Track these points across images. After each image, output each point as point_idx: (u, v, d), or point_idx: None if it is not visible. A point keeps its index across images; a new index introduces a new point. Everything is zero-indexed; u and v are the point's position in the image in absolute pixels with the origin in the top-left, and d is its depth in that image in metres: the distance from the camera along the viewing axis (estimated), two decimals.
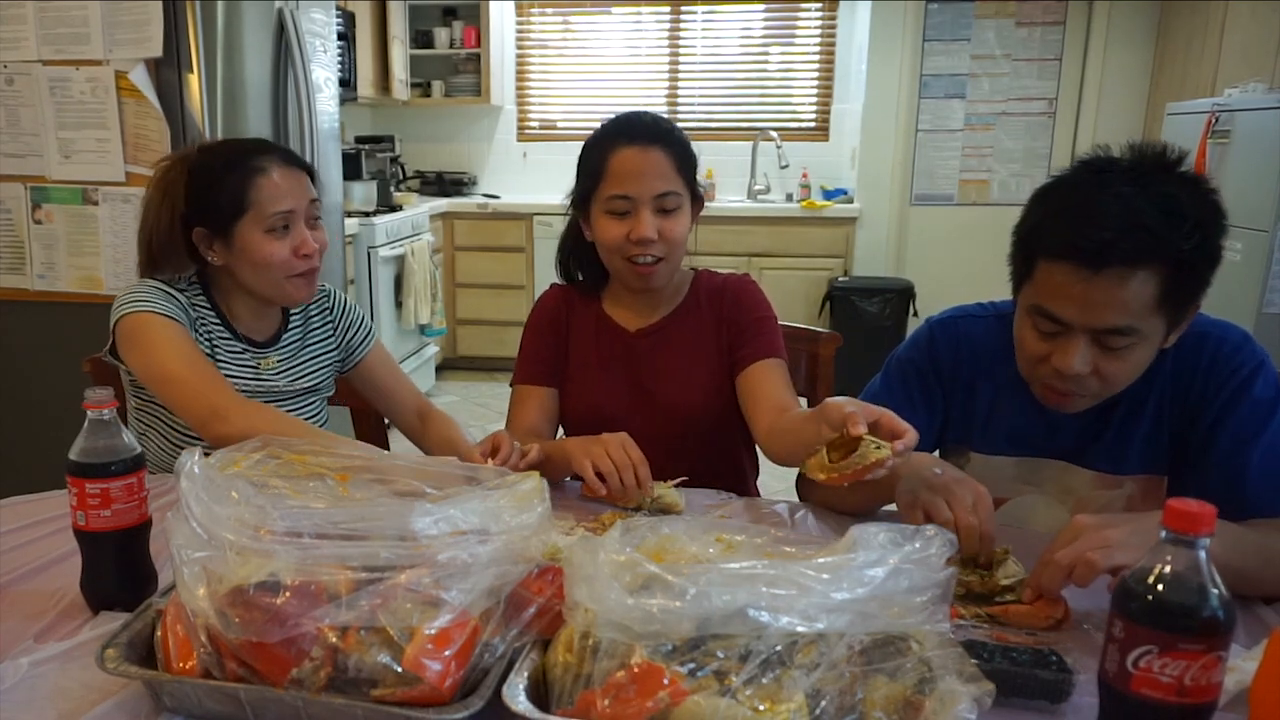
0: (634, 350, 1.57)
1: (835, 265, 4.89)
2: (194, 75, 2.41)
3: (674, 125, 1.52)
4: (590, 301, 1.61)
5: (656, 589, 0.75)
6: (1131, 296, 1.06)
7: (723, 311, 1.56)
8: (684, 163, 1.47)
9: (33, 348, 2.60)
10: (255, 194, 1.43)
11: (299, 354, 1.60)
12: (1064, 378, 1.15)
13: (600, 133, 1.51)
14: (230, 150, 1.49)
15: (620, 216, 1.45)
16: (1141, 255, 1.05)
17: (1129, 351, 1.11)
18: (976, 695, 0.73)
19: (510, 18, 5.45)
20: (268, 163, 1.45)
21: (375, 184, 4.42)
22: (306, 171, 1.51)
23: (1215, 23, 3.94)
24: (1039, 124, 4.87)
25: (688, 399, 1.53)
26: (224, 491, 0.85)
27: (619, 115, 1.52)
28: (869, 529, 0.82)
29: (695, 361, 1.55)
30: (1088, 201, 1.09)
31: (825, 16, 5.25)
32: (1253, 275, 3.15)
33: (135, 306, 1.41)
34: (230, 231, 1.45)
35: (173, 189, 1.47)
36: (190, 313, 1.47)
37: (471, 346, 5.21)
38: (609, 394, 1.56)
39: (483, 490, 0.90)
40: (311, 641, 0.78)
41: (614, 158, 1.45)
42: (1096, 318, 1.09)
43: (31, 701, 0.86)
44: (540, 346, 1.60)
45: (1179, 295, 1.09)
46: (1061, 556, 0.96)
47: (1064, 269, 1.09)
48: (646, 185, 1.43)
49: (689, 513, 1.32)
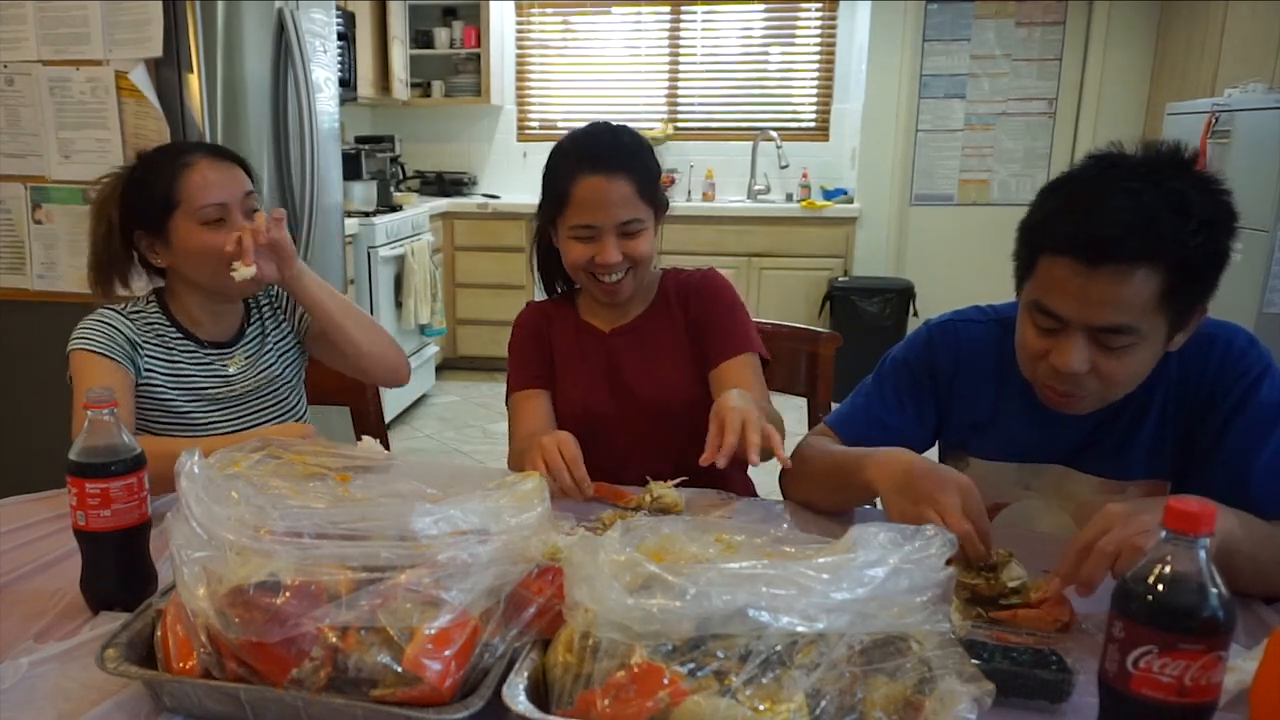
0: (611, 349, 1.60)
1: (835, 265, 4.88)
2: (194, 75, 2.41)
3: (636, 141, 1.52)
4: (567, 310, 1.65)
5: (656, 589, 0.75)
6: (1131, 294, 1.05)
7: (689, 310, 1.60)
8: (645, 184, 1.48)
9: (33, 348, 2.59)
10: (184, 188, 1.46)
11: (263, 347, 1.62)
12: (1062, 377, 1.13)
13: (562, 154, 1.51)
14: (159, 152, 1.53)
15: (585, 241, 1.48)
16: (1143, 252, 1.03)
17: (1129, 352, 1.09)
18: (976, 695, 0.73)
19: (510, 18, 5.45)
20: (194, 158, 1.48)
21: (375, 184, 4.42)
22: (239, 164, 1.53)
23: (1215, 23, 3.94)
24: (1039, 124, 4.87)
25: (666, 395, 1.55)
26: (224, 491, 0.85)
27: (579, 133, 1.52)
28: (869, 529, 0.82)
29: (670, 358, 1.58)
30: (1093, 196, 1.07)
31: (825, 16, 5.25)
32: (1253, 275, 3.15)
33: (75, 343, 1.45)
34: (166, 229, 1.47)
35: (108, 200, 1.52)
36: (138, 336, 1.48)
37: (471, 346, 5.21)
38: (593, 392, 1.59)
39: (483, 490, 0.90)
40: (311, 641, 0.78)
41: (576, 187, 1.45)
42: (1095, 315, 1.08)
43: (31, 701, 0.86)
44: (528, 355, 1.63)
45: (1182, 296, 1.07)
46: (1105, 543, 0.94)
47: (1064, 264, 1.08)
48: (610, 215, 1.45)
49: (689, 513, 1.32)
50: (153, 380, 1.48)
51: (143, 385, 1.47)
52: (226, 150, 1.56)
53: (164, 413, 1.50)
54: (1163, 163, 1.08)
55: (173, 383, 1.50)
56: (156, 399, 1.49)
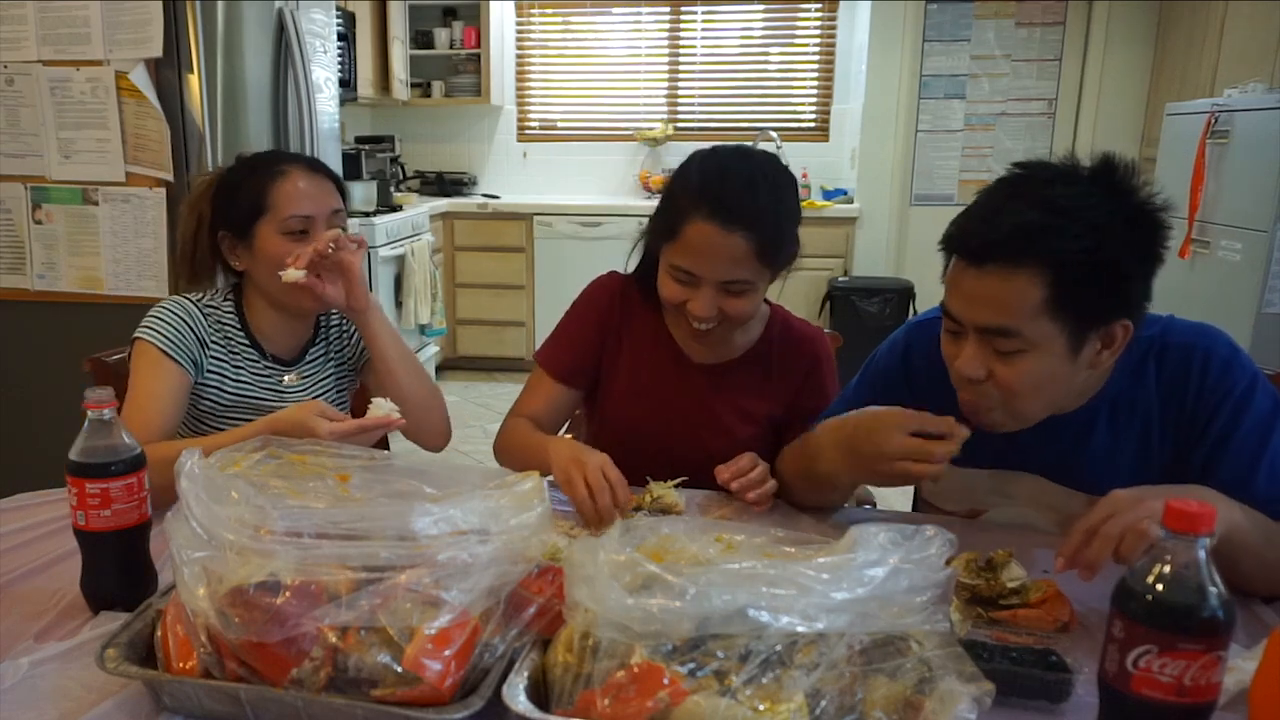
0: (693, 384, 1.49)
1: (835, 265, 4.89)
2: (194, 75, 2.41)
3: (772, 190, 1.33)
4: (652, 309, 1.49)
5: (656, 589, 0.75)
6: (1014, 296, 1.05)
7: (791, 379, 1.50)
8: (768, 245, 1.31)
9: (33, 348, 2.59)
10: (274, 196, 1.45)
11: (323, 369, 1.60)
12: (963, 383, 1.14)
13: (686, 180, 1.35)
14: (257, 156, 1.53)
15: (683, 284, 1.35)
16: (1021, 255, 1.04)
17: (1021, 359, 1.08)
18: (976, 695, 0.73)
19: (510, 18, 5.45)
20: (291, 167, 1.48)
21: (375, 184, 4.42)
22: (333, 181, 1.52)
23: (1215, 23, 3.94)
24: (1039, 124, 4.87)
25: (732, 445, 1.43)
26: (224, 491, 0.85)
27: (711, 164, 1.35)
28: (869, 529, 0.82)
29: (751, 408, 1.50)
30: (989, 202, 1.11)
31: (825, 17, 5.25)
32: (1253, 275, 3.15)
33: (145, 333, 1.44)
34: (250, 233, 1.46)
35: (201, 198, 1.52)
36: (208, 335, 1.48)
37: (471, 346, 5.21)
38: (653, 420, 1.50)
39: (483, 490, 0.90)
40: (311, 641, 0.78)
41: (690, 227, 1.30)
42: (979, 314, 1.09)
43: (31, 701, 0.86)
44: (579, 341, 1.53)
45: (1072, 303, 1.05)
46: (1110, 527, 0.94)
47: (958, 265, 1.11)
48: (715, 269, 1.31)
49: (690, 513, 1.32)
50: (209, 382, 1.47)
51: (199, 384, 1.47)
52: (323, 165, 1.54)
53: (211, 415, 1.49)
54: (1066, 172, 1.09)
55: (230, 387, 1.49)
56: (209, 399, 1.48)
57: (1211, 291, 3.41)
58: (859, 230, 4.92)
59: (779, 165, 1.38)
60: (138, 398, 1.40)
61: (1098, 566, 0.95)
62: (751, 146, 1.41)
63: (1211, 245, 3.42)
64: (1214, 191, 3.42)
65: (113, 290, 2.54)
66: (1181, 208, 3.58)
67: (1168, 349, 1.18)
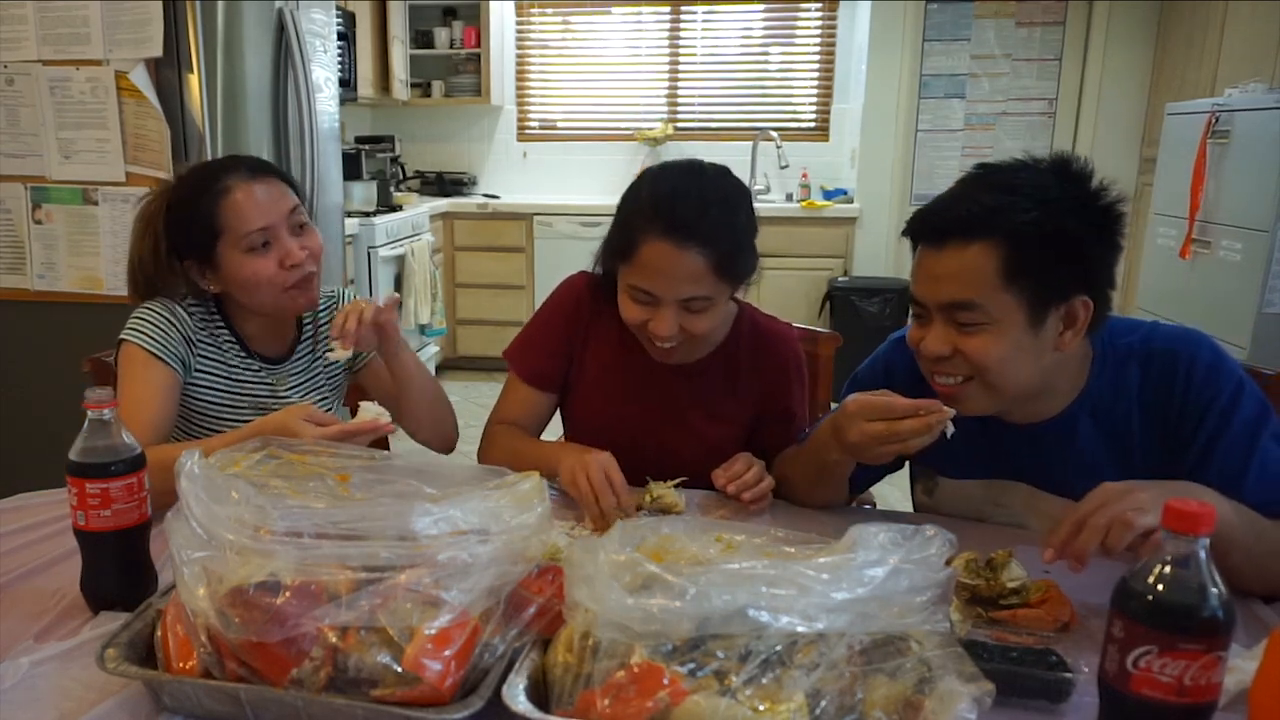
0: (661, 385, 1.48)
1: (835, 265, 4.88)
2: (194, 75, 2.41)
3: (724, 207, 1.32)
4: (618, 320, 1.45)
5: (656, 589, 0.75)
6: (969, 269, 1.10)
7: (761, 378, 1.50)
8: (724, 260, 1.30)
9: (33, 348, 2.59)
10: (225, 216, 1.40)
11: (312, 366, 1.59)
12: (930, 364, 1.17)
13: (637, 199, 1.34)
14: (197, 176, 1.45)
15: (642, 304, 1.34)
16: (972, 227, 1.10)
17: (982, 331, 1.12)
18: (976, 695, 0.73)
19: (510, 18, 5.44)
20: (233, 181, 1.41)
21: (375, 184, 4.42)
22: (280, 178, 1.47)
23: (1215, 23, 3.94)
24: (1039, 124, 4.87)
25: (703, 444, 1.44)
26: (224, 491, 0.85)
27: (663, 183, 1.34)
28: (869, 529, 0.82)
29: (720, 408, 1.49)
30: (949, 191, 1.18)
31: (825, 16, 5.25)
32: (1253, 275, 3.15)
33: (130, 335, 1.42)
34: (214, 258, 1.42)
35: (154, 221, 1.46)
36: (194, 334, 1.45)
37: (471, 346, 5.21)
38: (622, 421, 1.49)
39: (483, 490, 0.90)
40: (311, 641, 0.78)
41: (645, 246, 1.29)
42: (940, 291, 1.13)
43: (31, 701, 0.86)
44: (549, 342, 1.53)
45: (1027, 273, 1.09)
46: (1098, 518, 0.95)
47: (920, 251, 1.16)
48: (673, 288, 1.30)
49: (689, 513, 1.32)
50: (200, 381, 1.46)
51: (189, 384, 1.45)
52: (262, 165, 1.47)
53: (204, 415, 1.48)
54: (1024, 164, 1.15)
55: (222, 385, 1.48)
56: (201, 400, 1.47)
57: (1212, 291, 3.41)
58: (859, 230, 4.92)
59: (731, 179, 1.38)
60: (128, 402, 1.36)
61: (1085, 557, 0.96)
62: (702, 161, 1.39)
63: (1212, 245, 3.42)
64: (1214, 191, 3.42)
65: (113, 290, 2.53)
66: (1182, 208, 3.58)
67: (1151, 355, 1.18)
